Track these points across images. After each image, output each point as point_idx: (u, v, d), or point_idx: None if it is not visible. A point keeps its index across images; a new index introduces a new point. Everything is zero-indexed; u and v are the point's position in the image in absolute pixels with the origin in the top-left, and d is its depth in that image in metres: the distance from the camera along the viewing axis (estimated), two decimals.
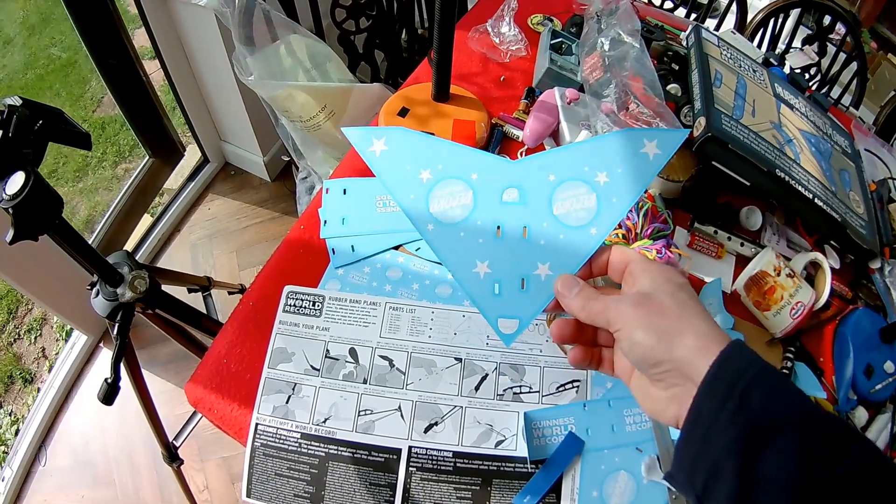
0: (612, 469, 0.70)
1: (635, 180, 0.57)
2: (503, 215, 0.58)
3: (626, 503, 0.69)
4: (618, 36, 0.97)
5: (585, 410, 0.72)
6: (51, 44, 2.92)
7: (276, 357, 0.75)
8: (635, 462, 0.70)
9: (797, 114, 1.02)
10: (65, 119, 0.82)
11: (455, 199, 0.59)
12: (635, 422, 0.72)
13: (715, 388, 0.44)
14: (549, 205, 0.58)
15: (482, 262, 0.58)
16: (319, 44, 1.40)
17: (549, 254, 0.57)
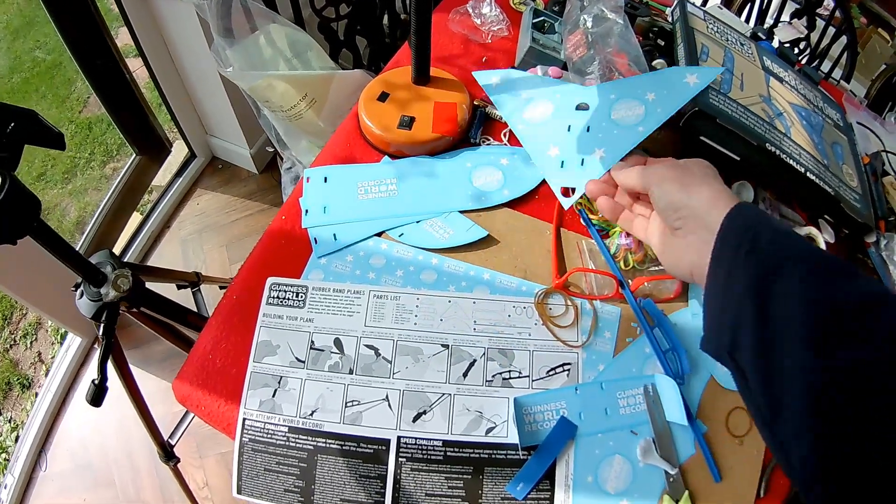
0: (607, 453, 0.69)
1: (676, 98, 0.82)
2: (573, 119, 0.86)
3: (621, 487, 0.68)
4: (601, 13, 0.95)
5: (577, 394, 0.71)
6: (35, 47, 2.91)
7: (261, 350, 0.74)
8: (630, 445, 0.69)
9: (787, 87, 1.01)
10: (38, 120, 0.80)
11: (542, 109, 0.90)
12: (629, 404, 0.71)
13: (728, 236, 0.52)
14: (609, 112, 0.84)
15: (554, 147, 0.86)
16: (299, 32, 1.38)
17: (605, 142, 0.82)
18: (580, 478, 0.68)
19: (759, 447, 0.70)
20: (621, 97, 0.85)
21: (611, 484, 0.68)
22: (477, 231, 0.81)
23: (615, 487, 0.67)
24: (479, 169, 0.88)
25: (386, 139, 0.88)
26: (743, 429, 0.71)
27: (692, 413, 0.70)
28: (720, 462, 0.69)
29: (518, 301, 0.77)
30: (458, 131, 0.90)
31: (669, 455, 0.68)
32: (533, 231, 0.83)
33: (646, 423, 0.70)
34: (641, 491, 0.67)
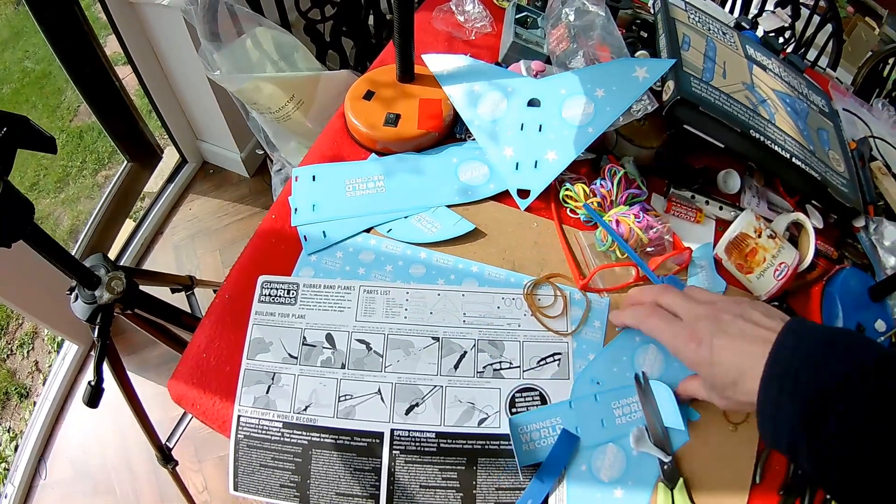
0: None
1: (626, 95, 0.85)
2: (526, 117, 0.89)
3: (615, 475, 0.68)
4: (583, 6, 0.96)
5: (572, 409, 0.71)
6: (24, 57, 2.91)
7: (254, 348, 0.75)
8: (623, 436, 0.70)
9: (771, 75, 1.02)
10: (30, 125, 0.81)
11: (495, 104, 0.90)
12: (624, 413, 0.71)
13: (770, 382, 0.54)
14: (559, 110, 0.87)
15: (508, 147, 0.88)
16: (285, 35, 1.39)
17: (556, 144, 0.86)
18: (574, 467, 0.68)
19: (753, 434, 0.70)
20: (571, 93, 0.87)
21: (604, 473, 0.68)
22: (464, 225, 0.82)
23: (609, 476, 0.68)
24: (464, 164, 0.88)
25: (372, 137, 0.89)
26: (739, 416, 0.71)
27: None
28: (715, 447, 0.69)
29: (507, 293, 0.78)
30: (443, 127, 0.90)
31: (663, 444, 0.68)
32: (519, 224, 0.84)
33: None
34: (635, 479, 0.68)
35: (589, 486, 0.68)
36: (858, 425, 0.47)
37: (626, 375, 0.73)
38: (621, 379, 0.73)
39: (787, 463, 0.69)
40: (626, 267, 0.80)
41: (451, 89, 0.92)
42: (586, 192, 0.84)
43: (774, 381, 0.53)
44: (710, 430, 0.70)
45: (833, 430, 0.48)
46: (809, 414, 0.49)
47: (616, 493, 0.67)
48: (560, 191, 0.87)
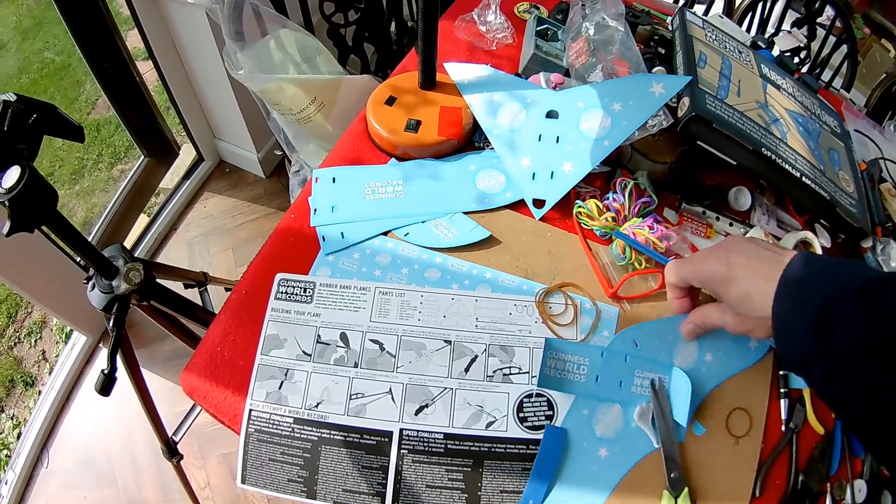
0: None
1: (642, 110, 0.87)
2: (544, 128, 0.91)
3: (608, 435, 0.70)
4: (602, 20, 0.97)
5: (602, 358, 0.74)
6: (44, 48, 2.93)
7: (269, 343, 0.76)
8: (631, 403, 0.73)
9: (784, 94, 1.03)
10: (58, 113, 0.83)
11: (514, 115, 0.92)
12: (642, 385, 0.73)
13: (782, 295, 0.58)
14: (577, 123, 0.89)
15: (526, 157, 0.90)
16: (309, 37, 1.41)
17: (573, 155, 0.88)
18: (576, 409, 0.72)
19: (755, 448, 0.71)
20: (589, 106, 0.89)
21: (600, 428, 0.71)
22: (480, 232, 0.83)
23: (602, 433, 0.70)
24: (482, 172, 0.90)
25: (393, 142, 0.91)
26: (741, 430, 0.72)
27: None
28: (717, 459, 0.70)
29: (519, 300, 0.79)
30: (462, 135, 0.92)
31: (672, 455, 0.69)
32: (534, 233, 0.85)
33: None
34: (623, 447, 0.70)
35: (580, 430, 0.71)
36: (864, 330, 0.50)
37: (662, 353, 0.76)
38: (657, 353, 0.76)
39: (786, 478, 0.70)
40: (652, 274, 0.82)
41: (472, 98, 0.94)
42: (599, 208, 0.85)
43: (786, 295, 0.58)
44: (713, 442, 0.71)
45: (840, 335, 0.51)
46: (818, 321, 0.53)
47: (600, 452, 0.70)
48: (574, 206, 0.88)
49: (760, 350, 0.77)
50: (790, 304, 0.57)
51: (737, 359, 0.76)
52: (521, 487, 0.68)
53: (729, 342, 0.76)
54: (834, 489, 0.70)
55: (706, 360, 0.75)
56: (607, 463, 0.69)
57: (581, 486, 0.68)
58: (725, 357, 0.76)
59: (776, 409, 0.74)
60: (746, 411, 0.73)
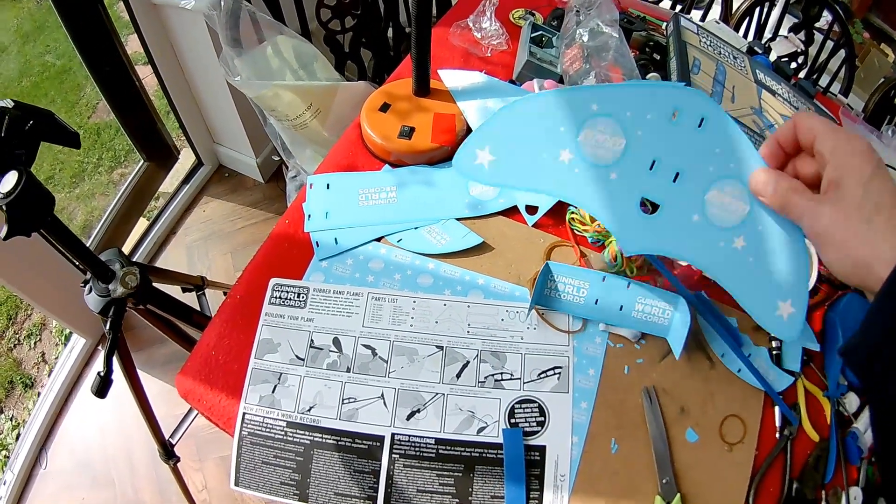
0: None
1: None
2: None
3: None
4: (597, 27, 0.98)
5: (603, 283, 0.76)
6: (45, 51, 2.94)
7: (263, 348, 0.77)
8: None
9: (780, 100, 1.03)
10: (55, 120, 0.84)
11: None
12: (644, 311, 0.76)
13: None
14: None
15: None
16: (305, 44, 1.41)
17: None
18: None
19: (748, 456, 0.72)
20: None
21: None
22: (472, 238, 0.84)
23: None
24: None
25: (387, 148, 0.91)
26: (735, 437, 0.73)
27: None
28: (710, 466, 0.71)
29: (511, 306, 0.79)
30: (456, 142, 0.93)
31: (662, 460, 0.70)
32: (527, 239, 0.86)
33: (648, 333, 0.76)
34: None
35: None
36: None
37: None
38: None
39: (780, 486, 0.71)
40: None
41: (466, 105, 0.94)
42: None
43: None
44: (706, 449, 0.72)
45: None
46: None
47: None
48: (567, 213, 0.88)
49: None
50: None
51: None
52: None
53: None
54: (829, 497, 0.70)
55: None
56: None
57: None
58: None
59: (770, 417, 0.75)
60: (740, 418, 0.74)
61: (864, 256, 0.46)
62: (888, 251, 0.45)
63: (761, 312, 0.60)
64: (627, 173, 0.62)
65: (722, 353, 0.77)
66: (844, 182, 0.48)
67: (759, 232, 0.59)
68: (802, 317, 0.59)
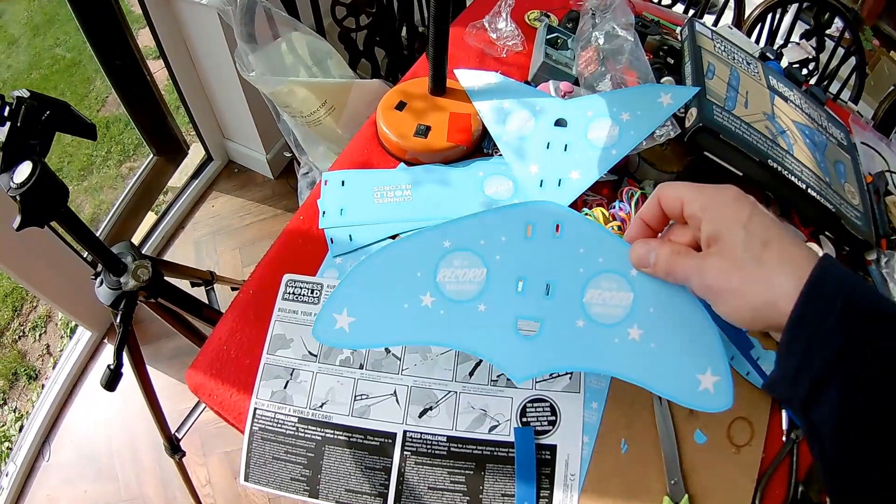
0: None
1: (650, 120, 0.85)
2: (552, 136, 0.89)
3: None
4: (612, 30, 0.98)
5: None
6: (55, 44, 2.95)
7: (275, 343, 0.77)
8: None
9: (791, 106, 1.03)
10: (71, 111, 0.85)
11: (523, 122, 0.91)
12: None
13: (814, 300, 0.42)
14: (585, 131, 0.87)
15: (534, 164, 0.90)
16: (320, 41, 1.42)
17: (580, 163, 0.84)
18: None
19: (755, 458, 0.72)
20: (598, 115, 0.89)
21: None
22: None
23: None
24: (490, 178, 0.90)
25: (402, 146, 0.92)
26: (742, 439, 0.73)
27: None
28: (718, 468, 0.71)
29: None
30: (471, 141, 0.93)
31: (670, 463, 0.70)
32: None
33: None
34: None
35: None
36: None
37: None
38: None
39: (786, 488, 0.71)
40: None
41: (481, 105, 0.95)
42: (605, 216, 0.86)
43: (820, 293, 0.43)
44: (714, 451, 0.72)
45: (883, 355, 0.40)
46: (859, 329, 0.41)
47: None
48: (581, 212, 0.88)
49: None
50: (825, 307, 0.42)
51: None
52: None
53: None
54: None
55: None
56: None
57: None
58: None
59: (777, 420, 0.75)
60: (748, 421, 0.74)
61: (764, 296, 0.45)
62: (787, 283, 0.44)
63: (685, 394, 0.56)
64: (496, 301, 0.60)
65: (731, 357, 0.77)
66: (723, 232, 0.48)
67: (651, 315, 0.57)
68: (729, 380, 0.55)
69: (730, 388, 0.55)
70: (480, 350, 0.60)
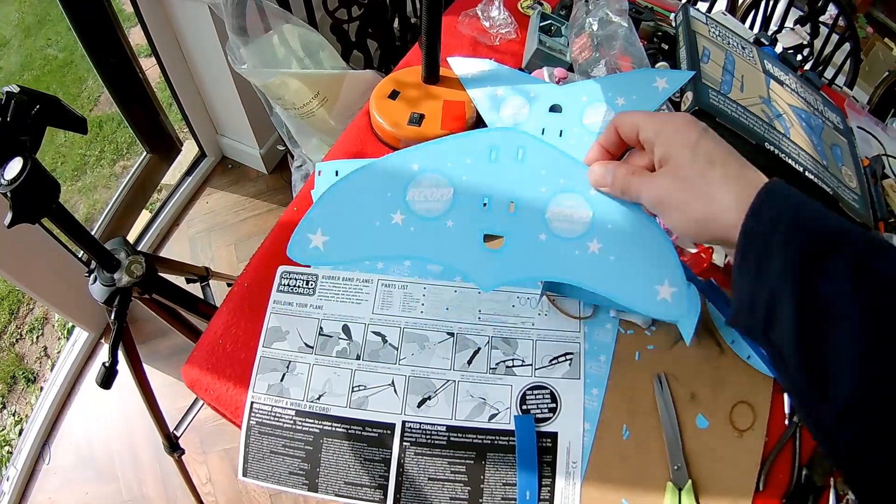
0: None
1: (645, 105, 0.79)
2: (547, 122, 0.80)
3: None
4: (606, 16, 0.97)
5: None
6: (47, 44, 2.94)
7: (271, 336, 0.76)
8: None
9: (787, 90, 1.03)
10: (61, 105, 0.84)
11: (517, 109, 0.85)
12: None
13: (763, 208, 0.46)
14: (580, 117, 0.80)
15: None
16: (312, 33, 1.41)
17: (576, 149, 0.71)
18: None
19: (758, 442, 0.71)
20: (592, 100, 0.87)
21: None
22: None
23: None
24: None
25: (396, 135, 0.91)
26: (745, 423, 0.72)
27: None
28: (721, 452, 0.70)
29: (522, 292, 0.79)
30: (465, 129, 0.92)
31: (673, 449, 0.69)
32: None
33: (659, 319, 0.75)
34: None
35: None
36: (861, 280, 0.40)
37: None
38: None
39: (789, 472, 0.70)
40: None
41: (475, 92, 0.93)
42: None
43: (765, 215, 0.46)
44: (717, 436, 0.71)
45: (832, 277, 0.41)
46: (807, 255, 0.42)
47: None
48: None
49: None
50: (770, 229, 0.45)
51: None
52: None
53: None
54: (837, 484, 0.70)
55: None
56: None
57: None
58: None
59: (780, 403, 0.74)
60: (750, 405, 0.73)
61: (705, 210, 0.50)
62: (727, 198, 0.48)
63: (644, 303, 0.61)
64: (462, 217, 0.64)
65: (731, 340, 0.77)
66: (673, 154, 0.52)
67: (609, 230, 0.62)
68: (685, 290, 0.60)
69: (685, 297, 0.60)
70: (449, 261, 0.64)
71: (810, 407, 0.43)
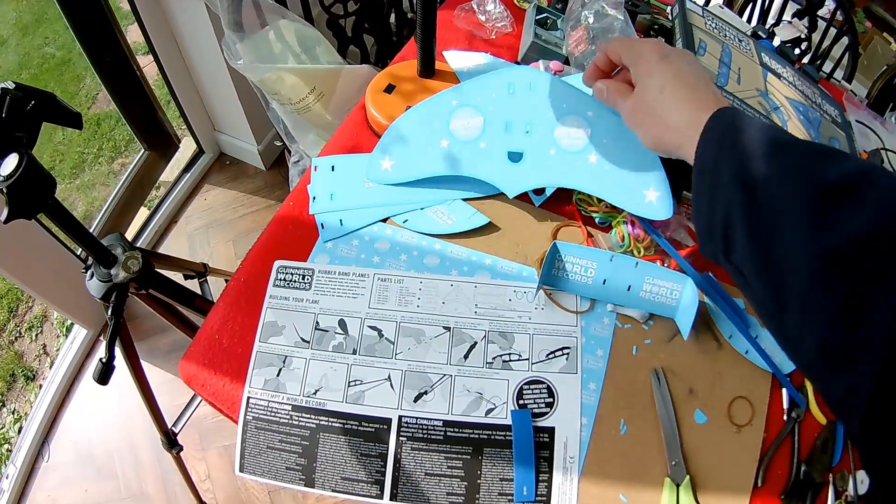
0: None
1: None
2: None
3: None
4: (602, 9, 0.97)
5: (611, 262, 0.76)
6: (44, 43, 2.93)
7: (267, 331, 0.76)
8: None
9: (785, 83, 1.02)
10: (56, 100, 0.84)
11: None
12: (652, 291, 0.76)
13: (712, 130, 0.54)
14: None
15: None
16: (308, 28, 1.40)
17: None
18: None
19: (757, 438, 0.71)
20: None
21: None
22: (479, 218, 0.83)
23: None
24: None
25: None
26: (743, 419, 0.72)
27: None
28: (719, 448, 0.70)
29: (519, 286, 0.79)
30: None
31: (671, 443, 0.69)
32: (533, 219, 0.85)
33: (656, 314, 0.78)
34: None
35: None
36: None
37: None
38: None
39: (788, 468, 0.70)
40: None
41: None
42: (627, 235, 0.85)
43: (710, 145, 0.54)
44: (715, 431, 0.71)
45: (778, 174, 0.46)
46: (750, 159, 0.48)
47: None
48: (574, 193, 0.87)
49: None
50: (719, 140, 0.52)
51: None
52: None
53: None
54: (836, 480, 0.70)
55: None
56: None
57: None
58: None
59: (778, 399, 0.74)
60: (748, 400, 0.73)
61: (658, 130, 0.61)
62: (676, 119, 0.58)
63: (634, 204, 0.77)
64: (491, 139, 0.82)
65: (730, 335, 0.76)
66: (639, 77, 0.63)
67: (604, 144, 0.78)
68: (668, 194, 0.76)
69: (669, 199, 0.76)
70: (484, 175, 0.82)
71: (777, 319, 0.47)
